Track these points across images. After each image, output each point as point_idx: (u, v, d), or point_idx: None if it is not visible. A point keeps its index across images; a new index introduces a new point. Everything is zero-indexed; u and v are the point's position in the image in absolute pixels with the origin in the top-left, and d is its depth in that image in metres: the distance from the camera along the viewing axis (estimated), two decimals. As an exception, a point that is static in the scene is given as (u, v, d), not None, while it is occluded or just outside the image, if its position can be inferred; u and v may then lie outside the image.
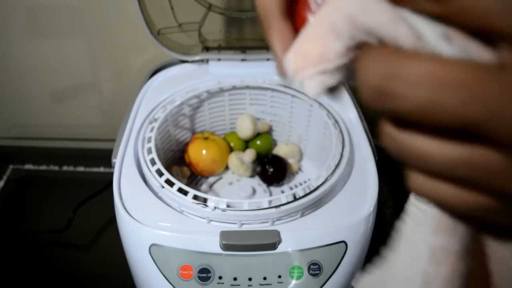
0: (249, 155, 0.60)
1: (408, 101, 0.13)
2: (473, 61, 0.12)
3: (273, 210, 0.43)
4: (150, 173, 0.47)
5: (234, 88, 0.61)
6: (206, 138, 0.61)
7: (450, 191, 0.14)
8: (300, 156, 0.64)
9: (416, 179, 0.15)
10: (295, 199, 0.44)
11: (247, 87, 0.62)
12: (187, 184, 0.52)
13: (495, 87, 0.12)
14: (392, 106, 0.13)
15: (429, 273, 0.17)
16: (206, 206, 0.43)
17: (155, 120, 0.55)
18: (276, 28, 0.19)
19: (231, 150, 0.63)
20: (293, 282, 0.42)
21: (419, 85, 0.12)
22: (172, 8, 0.60)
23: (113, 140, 0.52)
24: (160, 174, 0.47)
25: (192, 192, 0.45)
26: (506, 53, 0.12)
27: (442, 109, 0.12)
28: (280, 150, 0.62)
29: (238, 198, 0.57)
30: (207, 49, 0.64)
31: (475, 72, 0.12)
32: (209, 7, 0.61)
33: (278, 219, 0.44)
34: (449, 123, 0.12)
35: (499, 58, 0.12)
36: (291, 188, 0.60)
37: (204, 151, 0.59)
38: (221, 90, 0.61)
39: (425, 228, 0.17)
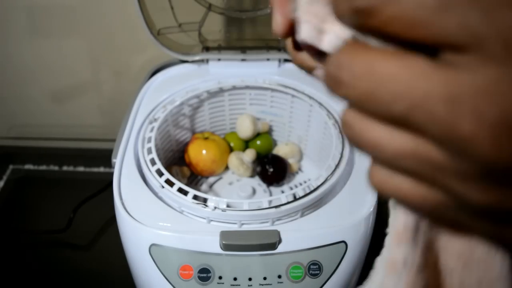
0: (249, 155, 0.60)
1: (351, 90, 0.14)
2: (414, 58, 0.13)
3: (273, 210, 0.43)
4: (150, 173, 0.47)
5: (234, 88, 0.61)
6: (206, 138, 0.61)
7: (405, 184, 0.15)
8: (300, 156, 0.64)
9: (374, 173, 0.15)
10: (295, 199, 0.44)
11: (247, 87, 0.62)
12: (187, 184, 0.52)
13: (426, 83, 0.12)
14: (341, 93, 0.14)
15: (387, 285, 0.17)
16: (206, 206, 0.43)
17: (155, 120, 0.55)
18: None
19: (231, 150, 0.63)
20: (293, 282, 0.42)
21: (360, 77, 0.13)
22: (172, 8, 0.60)
23: (113, 140, 0.52)
24: (160, 174, 0.47)
25: (192, 192, 0.45)
26: (444, 55, 0.13)
27: (376, 100, 0.13)
28: (280, 150, 0.62)
29: (238, 198, 0.57)
30: (207, 49, 0.64)
31: (410, 67, 0.13)
32: (209, 7, 0.61)
33: (278, 219, 0.44)
34: (384, 114, 0.13)
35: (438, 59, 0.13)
36: (291, 188, 0.60)
37: (204, 151, 0.59)
38: (221, 90, 0.61)
39: (388, 241, 0.18)
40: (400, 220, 0.17)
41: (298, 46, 0.21)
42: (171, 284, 0.42)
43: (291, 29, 0.20)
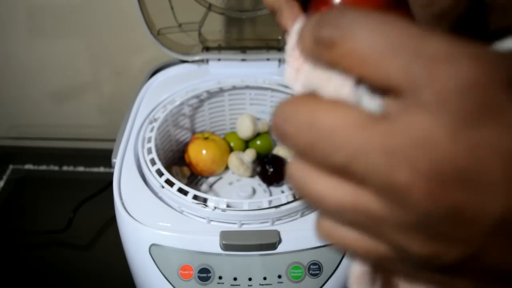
0: (249, 155, 0.60)
1: (294, 141, 0.15)
2: (354, 109, 0.14)
3: (273, 210, 0.43)
4: (150, 173, 0.47)
5: (234, 88, 0.61)
6: (206, 138, 0.61)
7: (349, 236, 0.15)
8: (300, 156, 0.64)
9: (320, 224, 0.16)
10: (295, 199, 0.44)
11: (247, 87, 0.62)
12: (187, 184, 0.52)
13: (364, 136, 0.13)
14: (286, 144, 0.15)
15: None
16: (206, 206, 0.43)
17: (155, 120, 0.55)
18: (286, 11, 0.21)
19: (231, 150, 0.63)
20: (293, 282, 0.42)
21: (302, 130, 0.14)
22: (172, 8, 0.60)
23: (113, 140, 0.52)
24: (160, 174, 0.47)
25: (192, 192, 0.45)
26: (387, 102, 0.13)
27: (318, 151, 0.14)
28: (280, 150, 0.62)
29: (238, 198, 0.57)
30: (207, 49, 0.64)
31: (350, 121, 0.13)
32: (209, 7, 0.61)
33: (278, 219, 0.44)
34: (326, 164, 0.14)
35: (383, 109, 0.14)
36: (291, 188, 0.60)
37: (204, 151, 0.59)
38: (221, 90, 0.61)
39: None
40: (357, 265, 0.18)
41: None
42: (171, 284, 0.42)
43: None
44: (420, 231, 0.13)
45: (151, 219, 0.43)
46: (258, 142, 0.63)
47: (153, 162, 0.49)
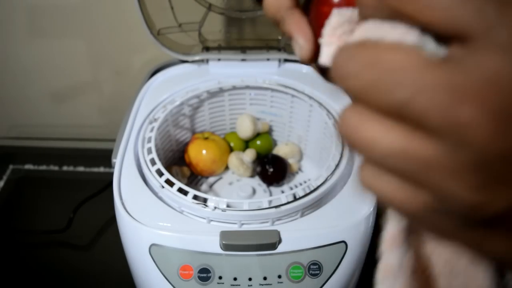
0: (249, 155, 0.60)
1: (357, 80, 0.14)
2: (419, 50, 0.14)
3: (273, 210, 0.43)
4: (150, 173, 0.47)
5: (234, 88, 0.61)
6: (206, 138, 0.61)
7: (392, 185, 0.15)
8: (300, 156, 0.64)
9: (363, 172, 0.16)
10: (295, 199, 0.44)
11: (247, 87, 0.62)
12: (187, 184, 0.52)
13: (429, 73, 0.13)
14: (347, 84, 0.15)
15: None
16: (206, 206, 0.43)
17: (155, 120, 0.55)
18: (289, 19, 0.21)
19: (231, 150, 0.63)
20: (293, 282, 0.42)
21: (366, 66, 0.14)
22: (172, 8, 0.60)
23: (113, 140, 0.52)
24: (160, 174, 0.47)
25: (192, 192, 0.45)
26: (452, 48, 0.13)
27: (380, 88, 0.14)
28: (280, 150, 0.62)
29: (238, 198, 0.57)
30: (207, 49, 0.64)
31: (415, 60, 0.13)
32: (209, 7, 0.61)
33: (278, 219, 0.44)
34: (385, 102, 0.14)
35: (447, 53, 0.13)
36: (291, 188, 0.60)
37: (204, 151, 0.59)
38: (221, 90, 0.61)
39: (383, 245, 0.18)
40: (392, 224, 0.17)
41: (322, 69, 0.22)
42: (171, 284, 0.42)
43: (316, 52, 0.20)
44: (474, 175, 0.13)
45: (151, 219, 0.43)
46: (258, 142, 0.63)
47: (153, 162, 0.49)
